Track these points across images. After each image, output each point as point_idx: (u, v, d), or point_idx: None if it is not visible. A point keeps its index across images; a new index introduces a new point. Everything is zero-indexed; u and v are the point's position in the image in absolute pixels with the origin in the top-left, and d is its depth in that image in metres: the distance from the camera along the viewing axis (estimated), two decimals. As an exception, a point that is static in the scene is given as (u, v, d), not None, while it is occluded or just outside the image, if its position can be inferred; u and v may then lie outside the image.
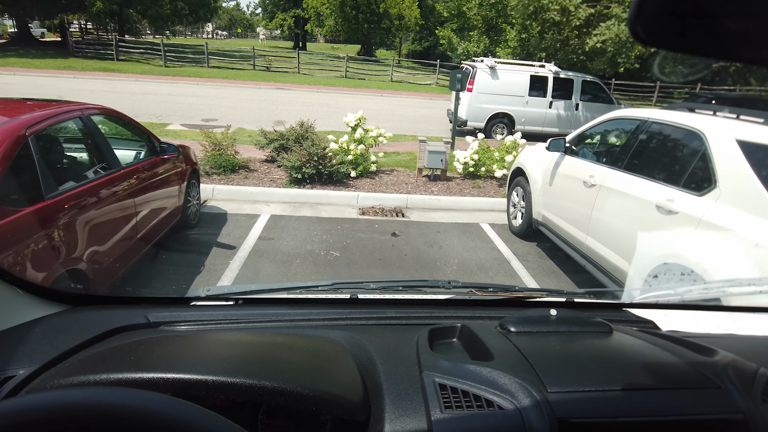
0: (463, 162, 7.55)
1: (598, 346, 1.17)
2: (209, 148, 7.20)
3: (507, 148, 7.68)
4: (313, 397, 0.88)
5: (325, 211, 6.15)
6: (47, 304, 1.26)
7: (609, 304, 1.77)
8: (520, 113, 12.46)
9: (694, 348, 1.16)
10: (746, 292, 1.69)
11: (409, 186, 7.20)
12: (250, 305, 1.40)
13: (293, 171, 6.66)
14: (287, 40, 57.96)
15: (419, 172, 7.62)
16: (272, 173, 7.25)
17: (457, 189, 7.23)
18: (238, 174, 7.03)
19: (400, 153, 9.36)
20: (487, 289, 1.66)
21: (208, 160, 7.01)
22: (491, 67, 12.13)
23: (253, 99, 16.77)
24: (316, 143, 6.65)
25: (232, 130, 12.23)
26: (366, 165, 7.37)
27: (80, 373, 0.87)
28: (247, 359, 1.00)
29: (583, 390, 0.96)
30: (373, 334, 1.21)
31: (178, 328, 1.23)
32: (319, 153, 6.55)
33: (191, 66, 25.18)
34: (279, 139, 7.47)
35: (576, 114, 12.70)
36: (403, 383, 0.97)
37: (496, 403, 0.91)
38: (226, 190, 6.41)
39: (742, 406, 0.94)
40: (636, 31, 0.54)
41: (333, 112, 15.22)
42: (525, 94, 12.35)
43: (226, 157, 7.01)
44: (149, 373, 0.86)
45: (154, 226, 3.94)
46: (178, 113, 13.33)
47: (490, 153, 7.72)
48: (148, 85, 18.78)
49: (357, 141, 7.39)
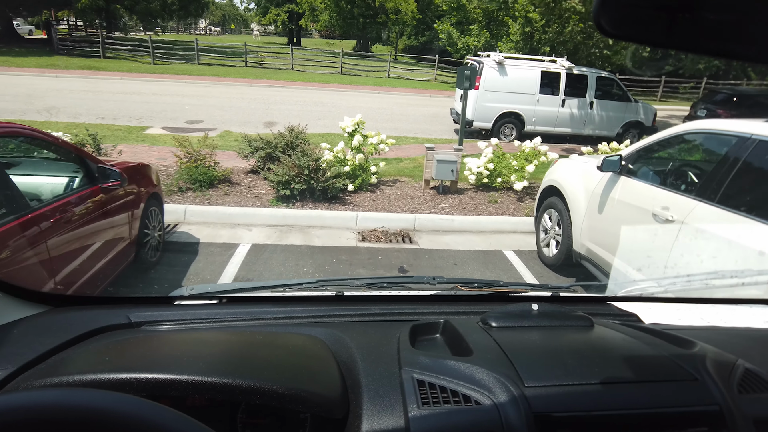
0: (476, 172, 6.58)
1: (578, 341, 1.17)
2: (184, 158, 6.22)
3: (526, 156, 6.71)
4: (288, 395, 0.88)
5: (318, 236, 5.17)
6: (27, 305, 1.22)
7: (593, 297, 1.75)
8: (530, 112, 11.48)
9: (674, 341, 1.17)
10: (729, 284, 1.69)
11: (415, 201, 6.23)
12: (234, 303, 1.37)
13: (280, 187, 5.68)
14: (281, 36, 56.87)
15: (426, 183, 6.65)
16: (257, 187, 6.28)
17: (471, 204, 6.26)
18: (217, 189, 6.05)
19: (402, 159, 8.38)
20: (472, 285, 1.65)
21: (182, 174, 6.03)
22: (499, 62, 11.14)
23: (243, 98, 15.77)
24: (307, 153, 5.67)
25: (218, 132, 11.36)
26: (365, 177, 6.40)
27: (55, 375, 0.87)
28: (224, 358, 0.99)
29: (561, 384, 0.96)
30: (357, 331, 1.20)
31: (160, 328, 1.21)
32: (311, 165, 5.57)
33: (181, 63, 24.26)
34: (265, 147, 6.49)
35: (590, 113, 11.74)
36: (382, 380, 0.97)
37: (473, 399, 0.91)
38: (200, 212, 5.42)
39: (718, 398, 0.95)
40: (600, 23, 0.54)
41: (328, 112, 14.23)
42: (536, 92, 11.37)
43: (202, 170, 6.03)
44: (124, 373, 0.85)
45: (87, 282, 2.95)
46: (161, 115, 12.36)
47: (507, 161, 6.76)
48: (132, 83, 17.79)
49: (355, 149, 6.41)
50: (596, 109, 11.73)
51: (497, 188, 6.80)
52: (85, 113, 11.93)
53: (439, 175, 6.28)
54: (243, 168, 7.01)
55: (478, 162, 6.64)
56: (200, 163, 6.15)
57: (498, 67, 11.13)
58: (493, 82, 11.16)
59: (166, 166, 6.92)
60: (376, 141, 6.50)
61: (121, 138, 9.33)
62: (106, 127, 10.32)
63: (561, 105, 11.53)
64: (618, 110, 11.89)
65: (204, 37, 57.83)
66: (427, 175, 6.53)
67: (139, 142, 9.09)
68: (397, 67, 27.24)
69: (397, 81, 24.58)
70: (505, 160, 6.83)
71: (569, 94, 11.51)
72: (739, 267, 2.45)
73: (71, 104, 12.93)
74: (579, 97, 11.59)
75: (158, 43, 25.26)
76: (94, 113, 12.04)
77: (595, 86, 11.60)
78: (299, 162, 5.53)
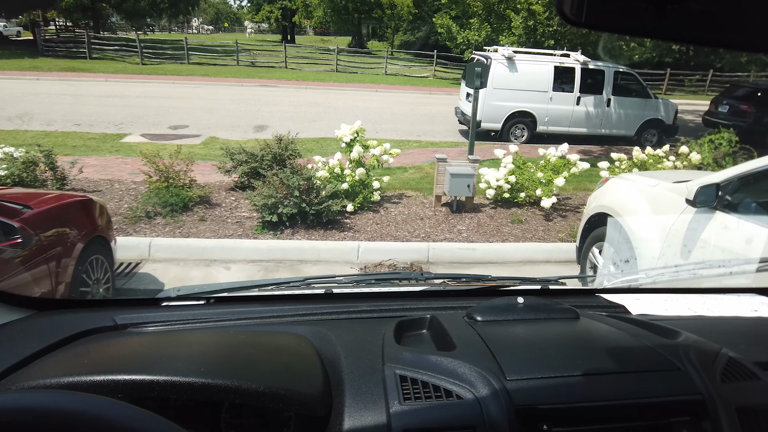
0: (495, 186, 5.66)
1: (562, 333, 1.16)
2: (154, 176, 5.29)
3: (553, 167, 5.79)
4: (268, 394, 0.87)
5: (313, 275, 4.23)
6: (11, 309, 1.20)
7: (582, 290, 1.74)
8: (543, 111, 10.55)
9: (659, 331, 1.16)
10: (716, 273, 1.72)
11: (426, 223, 5.31)
12: (222, 304, 1.36)
13: (265, 212, 4.75)
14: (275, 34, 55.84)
15: (437, 200, 5.73)
16: (240, 208, 5.36)
17: (492, 226, 5.34)
18: (192, 213, 5.12)
19: (407, 168, 7.46)
20: (461, 280, 1.64)
21: (149, 197, 5.09)
22: (508, 57, 10.20)
23: (233, 99, 14.83)
24: (297, 171, 4.73)
25: (202, 139, 10.35)
26: (367, 194, 5.47)
27: (33, 379, 0.87)
28: (205, 358, 0.98)
29: (543, 377, 0.95)
30: (343, 328, 1.19)
31: (146, 330, 1.19)
32: (302, 185, 4.64)
33: (170, 63, 23.36)
34: (249, 161, 5.57)
35: (607, 111, 10.81)
36: (365, 376, 0.97)
37: (455, 393, 0.90)
38: (168, 246, 4.49)
39: (701, 387, 0.95)
40: (563, 11, 0.54)
41: (323, 113, 13.28)
42: (549, 89, 10.44)
43: (175, 191, 5.10)
44: (101, 375, 0.85)
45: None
46: (143, 120, 11.43)
47: (529, 173, 5.84)
48: (117, 85, 16.86)
49: (354, 162, 5.48)
50: (613, 106, 10.81)
51: (520, 204, 5.88)
52: (61, 119, 10.99)
53: (453, 191, 5.36)
54: (225, 184, 6.09)
55: (497, 174, 5.72)
56: (172, 182, 5.22)
57: (507, 62, 10.20)
58: (502, 78, 10.22)
59: (138, 183, 6.00)
60: (379, 152, 5.57)
61: (93, 148, 8.38)
62: (79, 136, 9.38)
63: (576, 103, 10.61)
64: (637, 107, 10.96)
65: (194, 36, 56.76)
66: (439, 191, 5.62)
67: (112, 153, 8.14)
68: (394, 64, 26.29)
69: (394, 78, 23.66)
70: (527, 171, 5.92)
71: (584, 91, 10.58)
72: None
73: (47, 110, 11.99)
74: (595, 94, 10.66)
75: (147, 43, 24.47)
76: (70, 119, 11.10)
77: (612, 82, 10.68)
78: (288, 181, 4.60)
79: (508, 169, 5.73)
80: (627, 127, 11.03)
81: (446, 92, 19.97)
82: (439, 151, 9.36)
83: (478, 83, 7.38)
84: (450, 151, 9.49)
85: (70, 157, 7.68)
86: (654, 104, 11.03)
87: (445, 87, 21.91)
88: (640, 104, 10.97)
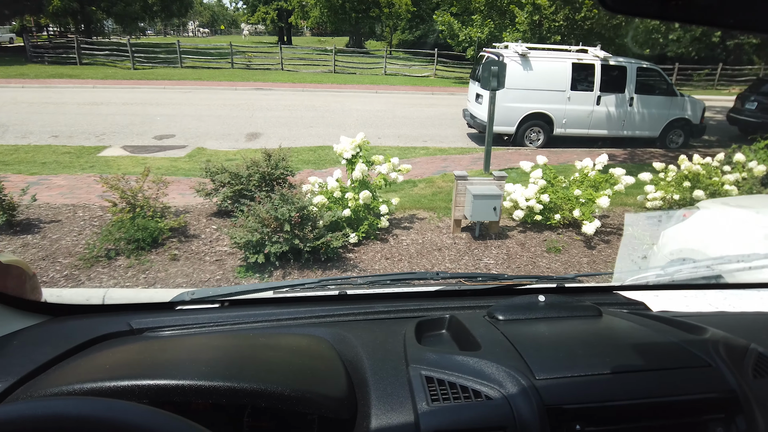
0: (525, 206, 4.77)
1: (587, 331, 1.15)
2: (120, 203, 4.42)
3: (593, 182, 4.90)
4: (294, 397, 0.85)
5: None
6: (26, 315, 1.19)
7: (600, 287, 1.68)
8: (560, 113, 9.67)
9: (684, 327, 1.15)
10: (735, 269, 1.66)
11: (446, 255, 4.43)
12: (236, 306, 1.34)
13: (249, 251, 3.86)
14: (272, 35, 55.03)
15: (456, 224, 4.85)
16: (222, 240, 4.48)
17: (526, 258, 4.44)
18: (163, 251, 4.24)
19: (416, 182, 6.58)
20: (476, 279, 1.61)
21: (110, 232, 4.20)
22: (522, 54, 9.31)
23: (225, 104, 13.97)
24: (288, 199, 3.84)
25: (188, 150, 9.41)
26: (373, 221, 4.59)
27: (55, 385, 0.85)
28: (228, 362, 0.96)
29: (572, 375, 0.94)
30: (361, 329, 1.18)
31: (162, 334, 1.18)
32: (294, 218, 3.75)
33: (162, 67, 22.59)
34: (233, 183, 4.70)
35: (630, 111, 9.92)
36: (389, 378, 0.95)
37: (483, 393, 0.89)
38: (127, 299, 3.60)
39: (733, 383, 0.93)
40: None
41: (320, 118, 12.40)
42: (566, 88, 9.54)
43: (142, 223, 4.22)
44: (125, 381, 0.83)
45: None
46: (127, 129, 10.57)
47: (563, 190, 4.95)
48: (104, 92, 16.01)
49: (357, 183, 4.60)
50: (636, 105, 9.92)
51: (553, 226, 4.99)
52: (38, 131, 10.15)
53: (476, 215, 4.48)
54: (206, 208, 5.21)
55: (526, 191, 4.83)
56: (140, 211, 4.34)
57: (521, 59, 9.31)
58: (515, 78, 9.32)
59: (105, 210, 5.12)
60: (387, 169, 4.69)
61: (65, 165, 7.51)
62: (53, 150, 8.51)
63: (596, 103, 9.72)
64: (662, 106, 10.07)
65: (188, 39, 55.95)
66: (458, 214, 4.73)
67: (85, 170, 7.27)
68: (393, 63, 25.43)
69: (394, 78, 22.81)
70: (558, 186, 5.03)
71: (605, 90, 9.69)
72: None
73: (25, 120, 11.15)
74: (617, 93, 9.77)
75: (139, 47, 23.70)
76: (49, 130, 10.26)
77: (636, 79, 9.79)
78: (277, 212, 3.72)
79: (539, 186, 4.84)
80: (651, 127, 10.14)
81: (449, 92, 19.10)
82: (449, 159, 8.49)
83: (495, 84, 6.53)
84: (461, 158, 8.60)
85: (34, 177, 6.85)
86: (680, 102, 10.13)
87: (448, 86, 21.04)
88: (666, 103, 10.07)
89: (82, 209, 5.28)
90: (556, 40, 17.03)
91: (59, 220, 4.91)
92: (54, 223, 4.84)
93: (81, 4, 26.54)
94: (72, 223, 4.84)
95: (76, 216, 5.05)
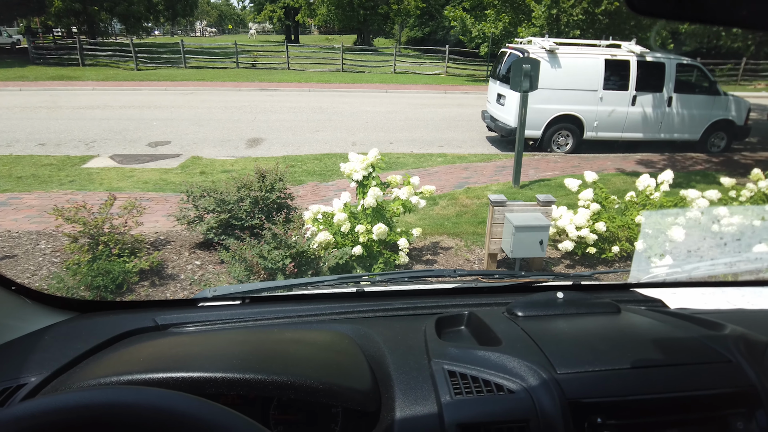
0: (575, 237, 3.89)
1: (606, 326, 1.15)
2: (82, 238, 3.60)
3: (660, 205, 4.00)
4: (323, 390, 0.87)
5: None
6: (56, 312, 1.22)
7: (617, 285, 1.66)
8: (591, 114, 8.75)
9: (703, 324, 1.15)
10: (753, 267, 1.60)
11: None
12: (257, 303, 1.36)
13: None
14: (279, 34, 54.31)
15: (491, 258, 3.98)
16: (205, 282, 3.65)
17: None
18: (134, 297, 3.41)
19: (436, 200, 5.71)
20: (493, 276, 1.63)
21: (61, 279, 3.37)
22: (550, 50, 8.40)
23: (227, 107, 13.19)
24: (283, 242, 2.99)
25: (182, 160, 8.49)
26: (390, 257, 3.72)
27: (91, 377, 0.87)
28: (257, 355, 0.98)
29: (593, 370, 0.94)
30: (381, 325, 1.19)
31: (187, 329, 1.20)
32: (288, 268, 2.89)
33: (166, 68, 21.95)
34: (219, 210, 3.87)
35: (668, 112, 8.97)
36: (412, 372, 0.96)
37: (505, 387, 0.90)
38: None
39: (754, 379, 0.93)
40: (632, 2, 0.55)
41: (328, 121, 11.56)
42: (599, 87, 8.62)
43: (103, 266, 3.39)
44: (159, 373, 0.85)
45: None
46: (119, 135, 9.82)
47: (619, 216, 4.06)
48: (103, 94, 15.32)
49: (370, 211, 3.74)
50: (676, 106, 8.97)
51: (608, 259, 4.10)
52: (25, 138, 9.43)
53: (518, 251, 3.61)
54: (191, 237, 4.38)
55: (576, 218, 3.94)
56: (104, 249, 3.51)
57: (549, 56, 8.40)
58: (542, 76, 8.40)
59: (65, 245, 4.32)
60: (406, 193, 3.81)
61: (43, 180, 6.73)
62: (34, 161, 7.74)
63: (631, 103, 8.79)
64: (703, 107, 9.11)
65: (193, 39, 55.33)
66: (495, 247, 3.86)
67: (64, 186, 6.50)
68: (403, 61, 24.53)
69: (404, 76, 21.92)
70: (610, 207, 4.14)
71: (641, 89, 8.76)
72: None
73: (13, 126, 10.45)
74: (654, 92, 8.83)
75: (142, 47, 23.13)
76: (36, 137, 9.54)
77: (675, 77, 8.83)
78: (267, 261, 2.87)
79: (592, 211, 3.95)
80: (691, 130, 9.19)
81: (462, 90, 18.19)
82: (470, 168, 7.59)
83: (527, 86, 5.63)
84: (484, 167, 7.71)
85: (4, 195, 6.07)
86: (723, 102, 9.17)
87: (460, 84, 20.12)
88: (707, 103, 9.11)
89: (46, 238, 4.48)
90: (575, 35, 16.08)
91: (14, 255, 4.12)
92: (7, 259, 4.04)
93: (83, 5, 25.89)
94: (28, 260, 4.03)
95: (36, 249, 4.25)
